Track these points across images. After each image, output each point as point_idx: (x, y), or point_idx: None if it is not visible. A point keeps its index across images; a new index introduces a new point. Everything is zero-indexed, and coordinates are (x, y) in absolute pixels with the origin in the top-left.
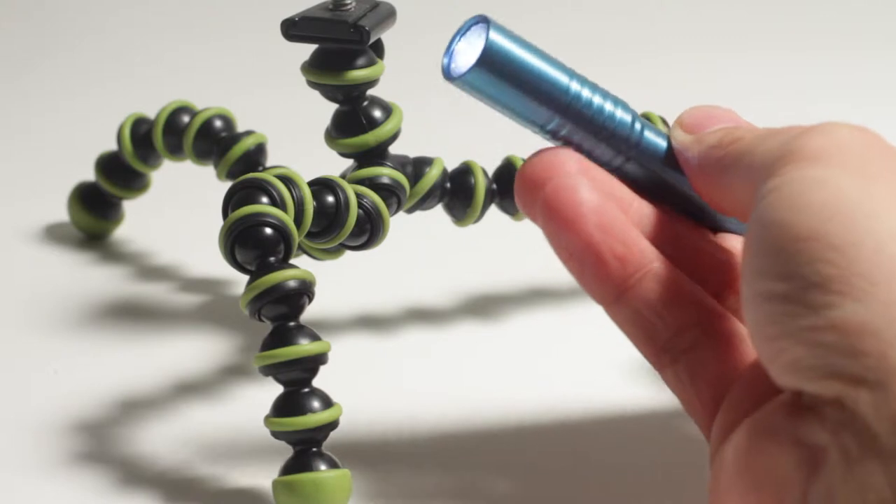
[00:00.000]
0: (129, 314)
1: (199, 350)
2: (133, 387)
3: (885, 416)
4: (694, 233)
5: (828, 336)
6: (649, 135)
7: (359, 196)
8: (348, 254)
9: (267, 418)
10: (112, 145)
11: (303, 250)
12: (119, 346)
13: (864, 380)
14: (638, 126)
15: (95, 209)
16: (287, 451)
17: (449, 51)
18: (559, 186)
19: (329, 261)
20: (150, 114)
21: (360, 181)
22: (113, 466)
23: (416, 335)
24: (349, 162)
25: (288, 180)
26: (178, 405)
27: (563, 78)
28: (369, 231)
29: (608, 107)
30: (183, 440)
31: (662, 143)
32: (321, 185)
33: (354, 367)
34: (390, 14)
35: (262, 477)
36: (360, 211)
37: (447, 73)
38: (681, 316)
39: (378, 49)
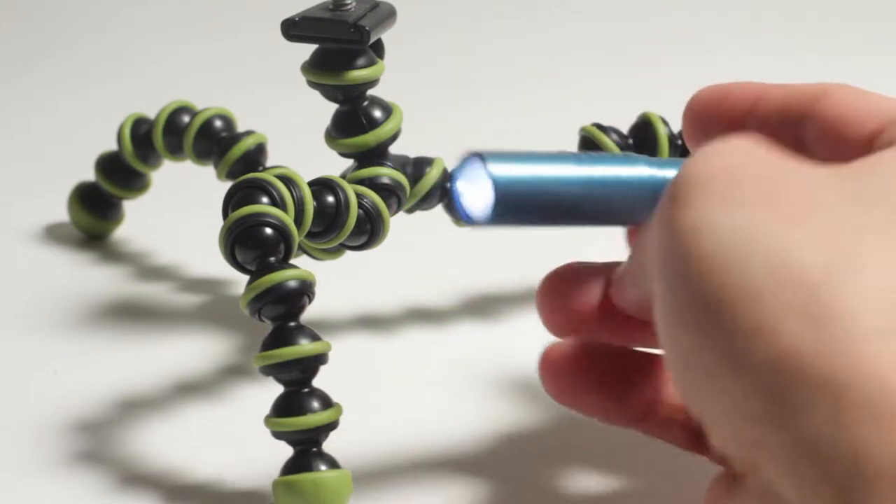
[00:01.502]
0: (129, 314)
1: (199, 350)
2: (133, 387)
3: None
4: None
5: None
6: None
7: (359, 196)
8: (348, 254)
9: (267, 418)
10: (112, 145)
11: (303, 250)
12: (119, 346)
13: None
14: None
15: (95, 209)
16: (287, 451)
17: (454, 195)
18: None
19: (329, 261)
20: (150, 114)
21: (360, 181)
22: (113, 466)
23: (416, 335)
24: (349, 162)
25: (288, 180)
26: (178, 405)
27: (573, 169)
28: (369, 231)
29: (623, 171)
30: (183, 440)
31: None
32: (321, 185)
33: (354, 367)
34: (390, 14)
35: (262, 477)
36: (361, 211)
37: (467, 219)
38: None
39: (378, 49)
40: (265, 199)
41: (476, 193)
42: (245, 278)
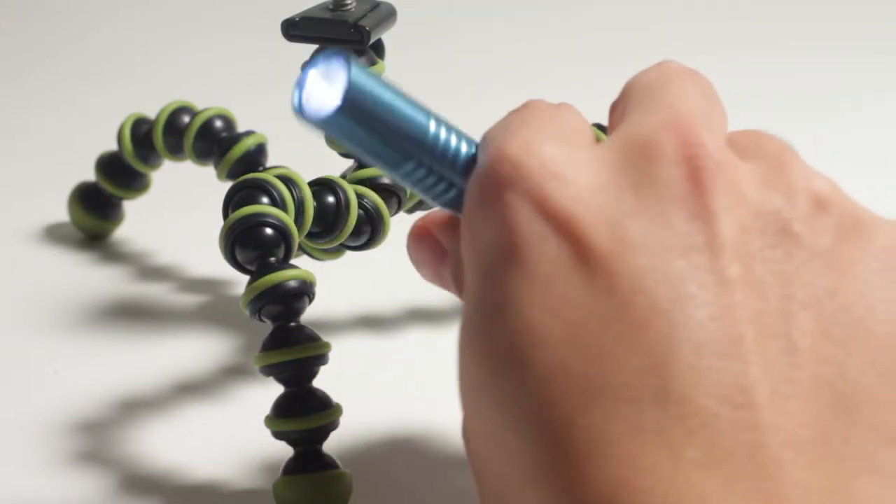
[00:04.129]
0: (129, 314)
1: (199, 350)
2: (133, 387)
3: None
4: None
5: None
6: None
7: (359, 196)
8: (348, 254)
9: (267, 418)
10: (112, 145)
11: (303, 250)
12: (119, 346)
13: None
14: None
15: (95, 209)
16: (287, 451)
17: (300, 84)
18: None
19: (329, 261)
20: (150, 114)
21: (361, 181)
22: (113, 466)
23: (416, 335)
24: (349, 162)
25: (288, 180)
26: (178, 405)
27: (423, 120)
28: (370, 231)
29: (460, 146)
30: (183, 440)
31: None
32: (321, 185)
33: (354, 367)
34: (390, 14)
35: (263, 477)
36: (361, 211)
37: (300, 111)
38: None
39: (378, 49)
40: (265, 200)
41: (324, 91)
42: (245, 278)
